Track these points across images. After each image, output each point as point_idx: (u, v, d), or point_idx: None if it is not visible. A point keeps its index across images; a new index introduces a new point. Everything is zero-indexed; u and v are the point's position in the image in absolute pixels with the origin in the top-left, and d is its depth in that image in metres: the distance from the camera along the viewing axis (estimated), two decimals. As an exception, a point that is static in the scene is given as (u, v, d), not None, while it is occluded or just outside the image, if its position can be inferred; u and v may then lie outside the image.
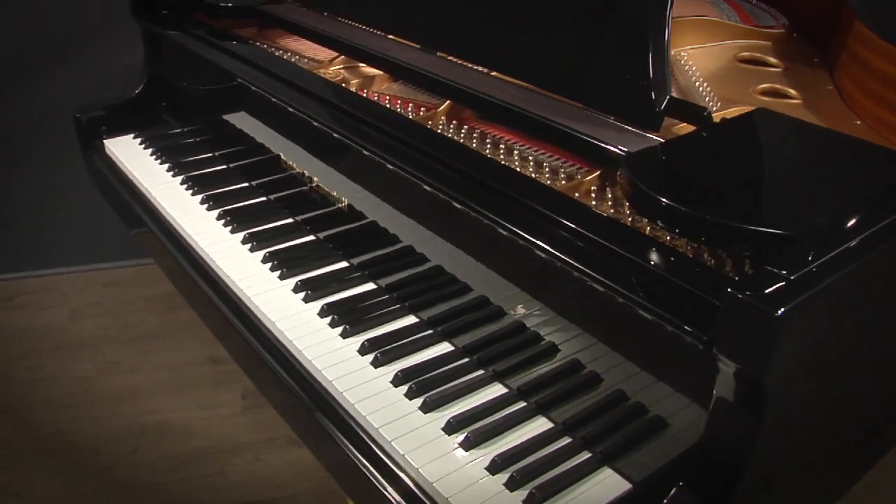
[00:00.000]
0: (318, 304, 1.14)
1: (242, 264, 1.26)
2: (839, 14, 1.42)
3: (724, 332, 0.66)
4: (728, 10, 1.50)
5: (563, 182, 1.03)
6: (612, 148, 0.96)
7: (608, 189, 1.01)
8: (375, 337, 1.05)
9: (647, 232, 0.89)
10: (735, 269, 0.81)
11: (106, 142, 1.72)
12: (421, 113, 1.25)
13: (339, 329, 1.08)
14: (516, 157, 1.10)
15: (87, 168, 1.81)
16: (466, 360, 1.02)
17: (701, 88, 1.21)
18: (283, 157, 1.41)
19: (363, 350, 1.04)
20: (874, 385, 0.91)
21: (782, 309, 0.61)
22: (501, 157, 1.10)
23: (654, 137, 0.99)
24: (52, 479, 1.92)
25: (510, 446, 0.88)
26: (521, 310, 0.99)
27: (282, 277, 1.21)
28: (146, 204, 1.52)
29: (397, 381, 0.98)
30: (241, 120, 1.56)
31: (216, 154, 1.63)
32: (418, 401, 0.95)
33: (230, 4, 1.69)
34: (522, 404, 0.95)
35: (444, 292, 1.08)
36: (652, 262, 0.79)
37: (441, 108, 1.25)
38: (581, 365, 0.92)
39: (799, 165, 0.89)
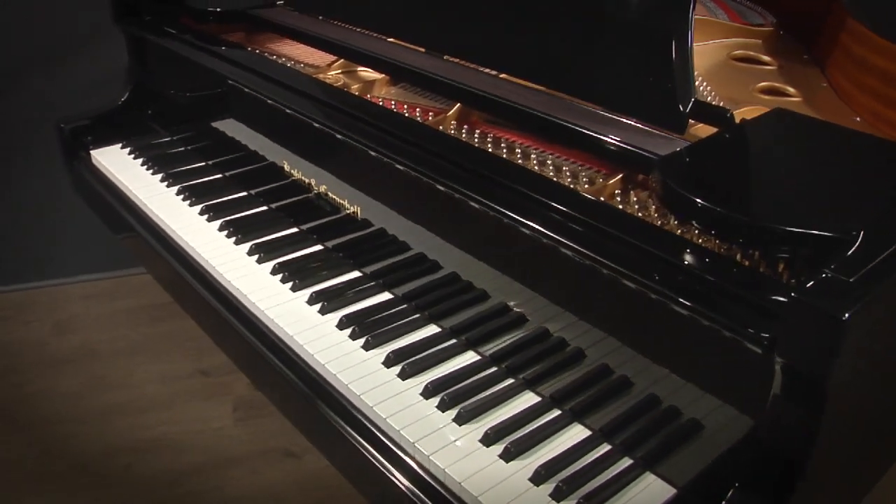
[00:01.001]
0: (335, 316, 1.11)
1: (251, 276, 1.23)
2: (827, 11, 1.43)
3: (788, 336, 0.66)
4: (715, 8, 1.51)
5: (586, 186, 1.03)
6: (641, 151, 0.95)
7: (632, 192, 1.01)
8: (400, 348, 1.03)
9: (678, 234, 0.89)
10: (770, 271, 0.81)
11: (93, 152, 1.67)
12: (430, 118, 1.24)
13: (361, 341, 1.06)
14: (534, 161, 1.09)
15: (71, 179, 1.75)
16: (495, 368, 1.01)
17: (702, 88, 1.22)
18: (278, 163, 1.38)
19: (388, 362, 1.02)
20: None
21: (848, 313, 0.61)
22: (519, 161, 1.09)
23: (680, 139, 0.98)
24: (43, 501, 1.86)
25: (552, 456, 0.87)
26: (540, 315, 0.98)
27: (294, 289, 1.18)
28: (141, 216, 1.48)
29: (427, 392, 0.97)
30: (231, 127, 1.53)
31: (210, 163, 1.59)
32: (452, 412, 0.94)
33: (218, 9, 1.65)
34: (557, 412, 0.94)
35: (462, 300, 1.07)
36: (696, 265, 0.78)
37: (451, 112, 1.23)
38: (610, 369, 0.92)
39: (830, 166, 0.89)
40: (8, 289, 2.58)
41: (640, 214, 0.95)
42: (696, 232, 0.88)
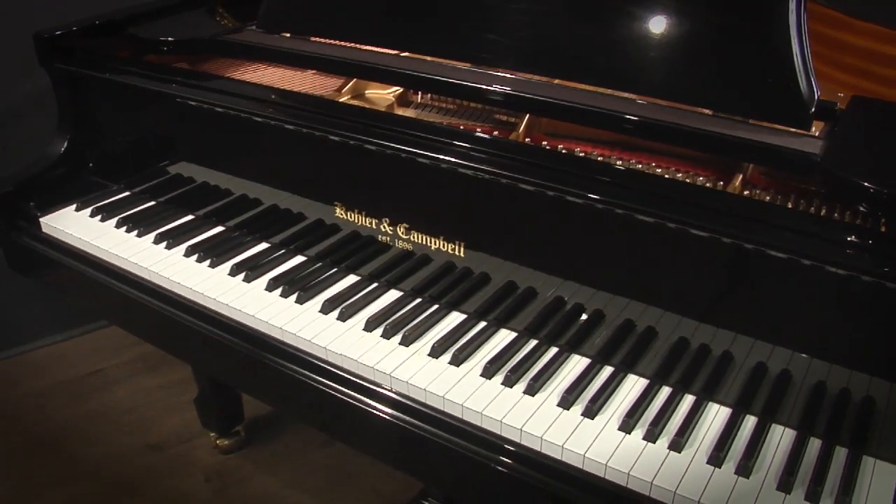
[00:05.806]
0: (476, 365, 1.04)
1: (343, 338, 1.09)
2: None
3: None
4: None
5: (711, 193, 1.04)
6: (796, 150, 0.98)
7: (758, 193, 1.04)
8: (569, 387, 0.99)
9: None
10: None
11: (43, 219, 1.39)
12: (496, 136, 1.18)
13: (524, 386, 1.00)
14: (642, 173, 1.09)
15: (7, 252, 1.46)
16: (670, 389, 1.00)
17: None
18: (281, 206, 1.27)
19: (565, 403, 0.97)
20: None
21: None
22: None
23: (807, 136, 1.02)
24: None
25: (785, 464, 0.89)
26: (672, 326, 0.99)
27: (405, 343, 1.08)
28: (149, 288, 1.25)
29: (625, 427, 0.94)
30: (195, 171, 1.37)
31: (200, 213, 1.40)
32: (665, 441, 0.92)
33: (170, 38, 1.45)
34: (753, 420, 0.95)
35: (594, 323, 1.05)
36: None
37: (521, 127, 1.19)
38: (765, 366, 0.95)
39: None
40: None
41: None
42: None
